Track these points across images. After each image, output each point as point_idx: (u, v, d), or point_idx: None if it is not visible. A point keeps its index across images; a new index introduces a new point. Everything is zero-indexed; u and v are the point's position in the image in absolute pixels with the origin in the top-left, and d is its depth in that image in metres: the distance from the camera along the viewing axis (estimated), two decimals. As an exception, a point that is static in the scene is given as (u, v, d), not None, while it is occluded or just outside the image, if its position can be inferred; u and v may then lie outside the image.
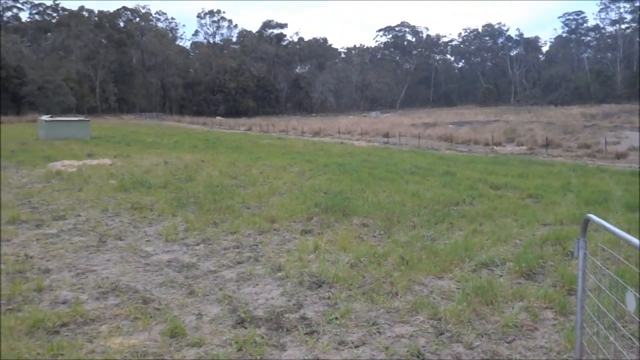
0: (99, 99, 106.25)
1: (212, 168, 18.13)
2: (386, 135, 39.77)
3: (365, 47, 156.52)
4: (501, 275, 6.62)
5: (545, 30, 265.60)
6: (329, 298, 5.83)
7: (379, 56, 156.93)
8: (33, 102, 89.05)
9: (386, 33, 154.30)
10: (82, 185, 14.23)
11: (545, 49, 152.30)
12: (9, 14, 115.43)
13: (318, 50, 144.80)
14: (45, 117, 39.94)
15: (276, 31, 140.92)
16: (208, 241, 8.37)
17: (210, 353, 4.54)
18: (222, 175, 16.07)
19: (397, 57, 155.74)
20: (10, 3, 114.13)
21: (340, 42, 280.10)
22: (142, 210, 10.83)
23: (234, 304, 5.65)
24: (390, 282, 6.26)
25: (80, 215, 10.37)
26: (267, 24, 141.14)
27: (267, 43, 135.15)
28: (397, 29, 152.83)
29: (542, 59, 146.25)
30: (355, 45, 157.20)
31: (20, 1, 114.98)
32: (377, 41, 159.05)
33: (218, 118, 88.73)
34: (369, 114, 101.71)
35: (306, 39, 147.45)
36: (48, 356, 4.45)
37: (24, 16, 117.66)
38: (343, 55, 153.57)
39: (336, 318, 5.25)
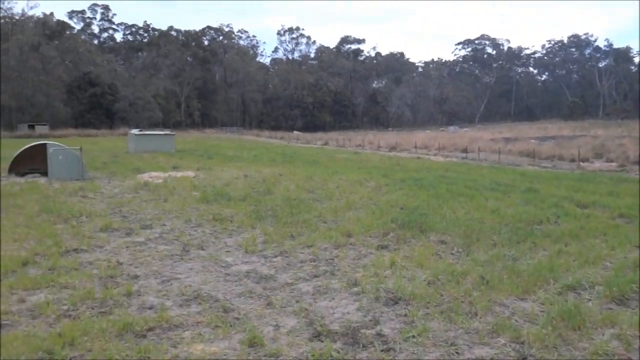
0: (184, 114, 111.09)
1: (290, 182, 18.41)
2: (464, 151, 38.86)
3: (443, 61, 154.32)
4: (590, 300, 6.26)
5: (637, 40, 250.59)
6: (405, 315, 5.74)
7: (457, 69, 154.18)
8: (124, 117, 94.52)
9: (465, 46, 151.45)
10: (167, 196, 14.87)
11: (637, 59, 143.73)
12: (105, 35, 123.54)
13: (395, 64, 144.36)
14: (135, 131, 42.27)
15: (353, 46, 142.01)
16: (285, 254, 8.49)
17: (287, 364, 4.60)
18: (299, 189, 16.29)
19: (477, 71, 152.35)
20: (107, 25, 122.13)
21: (417, 56, 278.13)
22: (223, 221, 11.16)
23: (310, 317, 5.69)
24: (469, 302, 6.08)
25: (165, 225, 10.84)
26: (345, 40, 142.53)
27: (344, 58, 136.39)
28: (476, 42, 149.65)
29: (634, 70, 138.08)
30: (433, 59, 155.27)
31: (116, 23, 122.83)
32: (455, 55, 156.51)
33: (295, 132, 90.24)
34: (447, 128, 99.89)
35: (383, 53, 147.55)
36: (136, 358, 4.66)
37: (119, 37, 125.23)
38: (420, 70, 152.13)
39: (413, 336, 5.17)
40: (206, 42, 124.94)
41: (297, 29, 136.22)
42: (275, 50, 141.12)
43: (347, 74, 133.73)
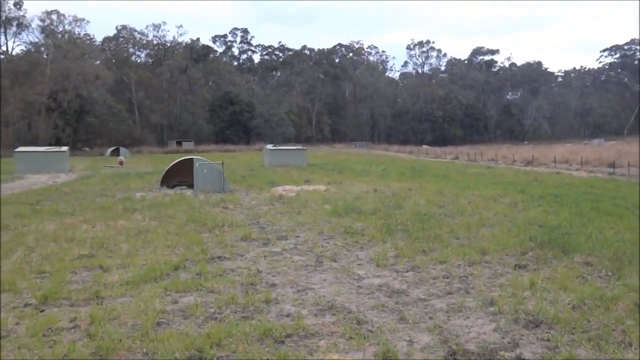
0: (315, 130, 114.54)
1: (419, 196, 18.19)
2: (612, 165, 35.71)
3: (586, 69, 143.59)
4: None
5: None
6: (548, 340, 5.43)
7: (602, 78, 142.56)
8: (260, 133, 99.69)
9: (612, 53, 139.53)
10: (300, 208, 15.39)
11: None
12: (244, 56, 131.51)
13: (531, 74, 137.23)
14: (269, 146, 44.41)
15: (486, 58, 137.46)
16: (417, 269, 8.41)
17: (422, 381, 4.56)
18: (429, 204, 16.04)
19: (626, 79, 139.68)
20: (246, 47, 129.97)
21: (556, 65, 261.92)
22: (354, 235, 11.32)
23: (444, 335, 5.58)
24: (621, 331, 5.58)
25: (299, 237, 11.24)
26: (477, 51, 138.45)
27: (476, 70, 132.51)
28: (625, 47, 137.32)
29: None
30: (574, 68, 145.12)
31: (254, 45, 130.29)
32: (600, 62, 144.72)
33: (424, 146, 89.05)
34: (590, 141, 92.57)
35: (518, 63, 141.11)
36: (276, 363, 4.89)
37: (256, 58, 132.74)
38: (560, 79, 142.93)
39: (556, 362, 4.88)
40: (337, 60, 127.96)
41: (427, 42, 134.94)
42: (405, 64, 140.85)
43: (479, 86, 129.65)
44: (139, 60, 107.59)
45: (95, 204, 16.78)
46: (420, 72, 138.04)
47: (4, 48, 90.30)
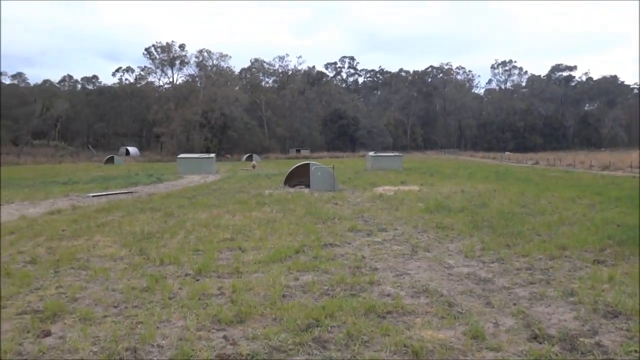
0: (409, 139, 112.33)
1: (503, 197, 17.18)
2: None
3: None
4: None
5: None
6: (627, 330, 4.90)
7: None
8: (363, 142, 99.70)
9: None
10: (397, 205, 15.16)
11: None
12: (350, 79, 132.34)
13: (608, 87, 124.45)
14: (371, 153, 44.26)
15: (565, 73, 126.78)
16: (502, 261, 7.95)
17: (507, 359, 4.31)
18: (512, 204, 15.11)
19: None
20: (352, 71, 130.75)
21: (631, 78, 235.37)
22: (445, 229, 10.95)
23: (527, 320, 5.22)
24: (703, 326, 4.91)
25: (397, 229, 11.07)
26: (556, 68, 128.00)
27: (555, 85, 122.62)
28: None
29: None
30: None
31: (359, 69, 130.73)
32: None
33: (507, 153, 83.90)
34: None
35: (595, 78, 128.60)
36: (379, 334, 4.85)
37: (360, 80, 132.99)
38: (636, 91, 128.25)
39: (635, 351, 4.38)
40: (429, 79, 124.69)
41: (510, 62, 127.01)
42: (489, 82, 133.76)
43: (558, 99, 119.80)
44: (267, 85, 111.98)
45: (235, 199, 17.67)
46: (503, 88, 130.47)
47: (171, 79, 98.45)
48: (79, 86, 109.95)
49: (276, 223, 11.82)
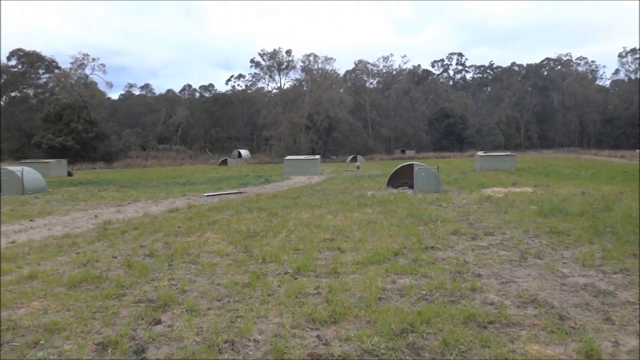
0: (523, 137, 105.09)
1: (632, 200, 15.24)
2: None
3: None
4: None
5: None
6: None
7: None
8: (472, 141, 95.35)
9: None
10: (507, 208, 14.20)
11: None
12: (458, 76, 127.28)
13: None
14: (480, 153, 42.03)
15: None
16: (626, 271, 7.05)
17: (630, 385, 3.79)
18: (644, 208, 13.33)
19: None
20: (460, 68, 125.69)
21: None
22: (560, 234, 10.00)
23: (657, 342, 4.56)
24: None
25: (505, 234, 10.36)
26: None
27: None
28: None
29: None
30: None
31: (467, 65, 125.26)
32: None
33: (637, 151, 74.41)
34: None
35: None
36: (478, 345, 4.57)
37: (469, 76, 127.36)
38: None
39: None
40: (545, 72, 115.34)
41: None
42: (616, 72, 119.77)
43: None
44: (371, 86, 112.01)
45: (337, 199, 17.88)
46: (632, 78, 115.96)
47: (278, 84, 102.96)
48: (197, 94, 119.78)
49: (377, 224, 11.71)
